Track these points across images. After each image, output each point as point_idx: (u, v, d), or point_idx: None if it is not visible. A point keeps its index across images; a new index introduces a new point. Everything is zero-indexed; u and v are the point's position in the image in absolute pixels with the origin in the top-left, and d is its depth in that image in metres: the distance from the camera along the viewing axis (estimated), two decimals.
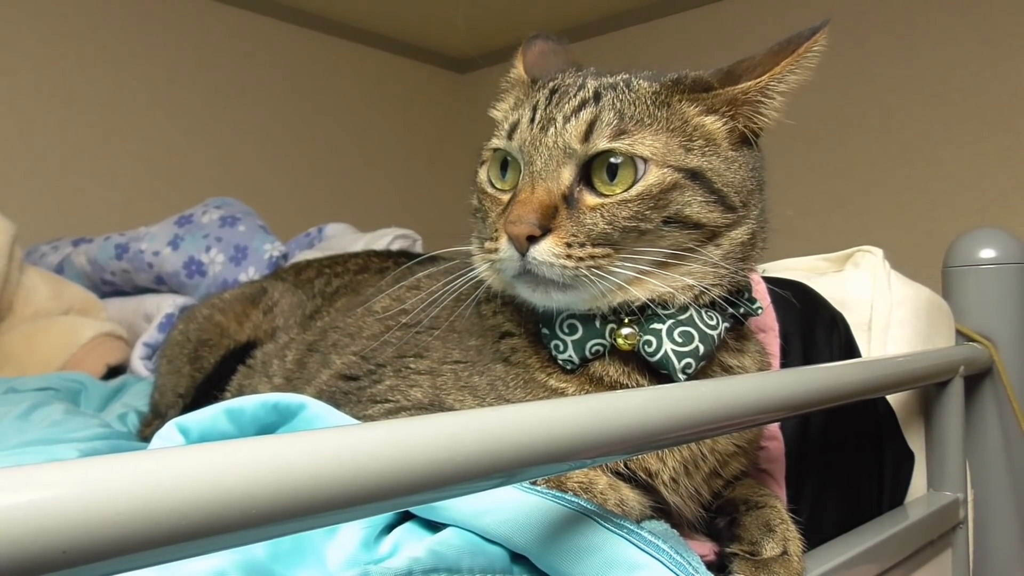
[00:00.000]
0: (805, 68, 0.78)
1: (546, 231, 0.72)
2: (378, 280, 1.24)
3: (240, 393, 1.15)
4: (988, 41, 3.37)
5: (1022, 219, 3.08)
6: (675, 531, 0.73)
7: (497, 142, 0.82)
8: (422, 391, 0.84)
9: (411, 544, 0.63)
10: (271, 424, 0.76)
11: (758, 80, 0.78)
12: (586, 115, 0.75)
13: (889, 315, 1.14)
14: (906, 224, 3.39)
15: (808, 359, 1.05)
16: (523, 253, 0.73)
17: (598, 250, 0.73)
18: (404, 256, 1.40)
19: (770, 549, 0.76)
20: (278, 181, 4.19)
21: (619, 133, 0.74)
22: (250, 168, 4.09)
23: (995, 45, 3.35)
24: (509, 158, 0.80)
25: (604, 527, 0.61)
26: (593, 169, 0.75)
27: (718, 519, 0.83)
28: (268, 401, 0.76)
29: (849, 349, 1.11)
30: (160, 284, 2.30)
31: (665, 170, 0.74)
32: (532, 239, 0.72)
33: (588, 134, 0.74)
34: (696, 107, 0.78)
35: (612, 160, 0.74)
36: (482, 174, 0.84)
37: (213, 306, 1.36)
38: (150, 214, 2.65)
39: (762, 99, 0.79)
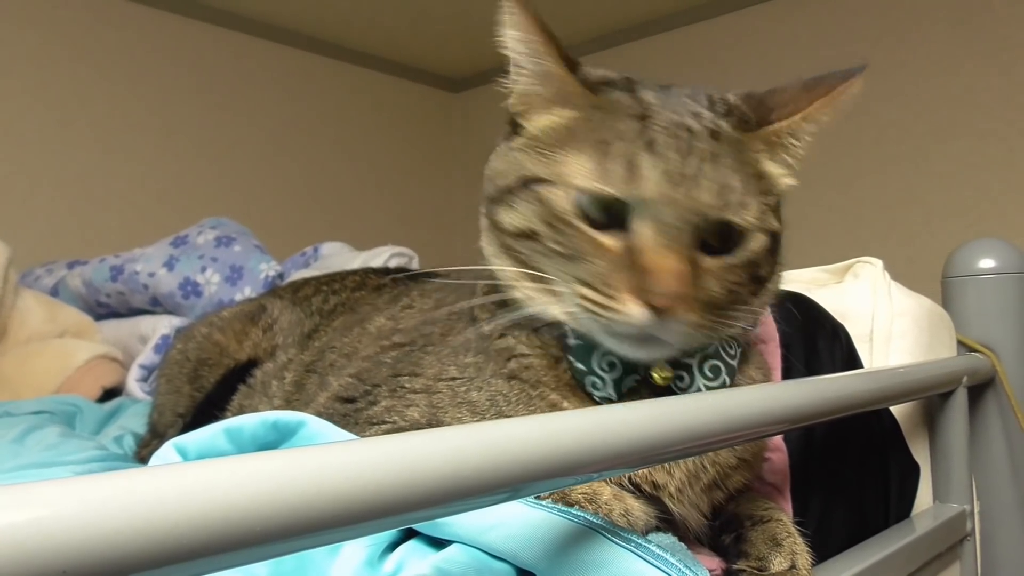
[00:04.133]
0: (838, 111, 0.76)
1: None
2: (374, 297, 1.24)
3: (241, 413, 1.14)
4: (981, 54, 3.39)
5: (1018, 229, 3.08)
6: (683, 544, 0.72)
7: (603, 186, 0.70)
8: (419, 410, 0.82)
9: (416, 562, 0.62)
10: (271, 443, 0.75)
11: (791, 120, 0.76)
12: (715, 175, 0.70)
13: (890, 326, 1.14)
14: (903, 236, 3.40)
15: (810, 370, 1.04)
16: (659, 321, 0.68)
17: (713, 315, 0.71)
18: (401, 273, 1.40)
19: (778, 564, 0.75)
20: (274, 201, 4.19)
21: (742, 203, 0.71)
22: (245, 188, 4.09)
23: (988, 58, 3.37)
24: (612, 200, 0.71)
25: (612, 541, 0.60)
26: (706, 230, 0.71)
27: (723, 535, 0.82)
28: (268, 419, 0.75)
29: (851, 360, 1.10)
30: (155, 305, 2.29)
31: (759, 234, 0.73)
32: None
33: (718, 199, 0.70)
34: (761, 152, 0.77)
35: (729, 226, 0.71)
36: (563, 202, 0.72)
37: (211, 324, 1.35)
38: (145, 235, 2.64)
39: (794, 142, 0.78)
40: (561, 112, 0.76)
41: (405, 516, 0.42)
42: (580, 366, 0.77)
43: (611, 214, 0.70)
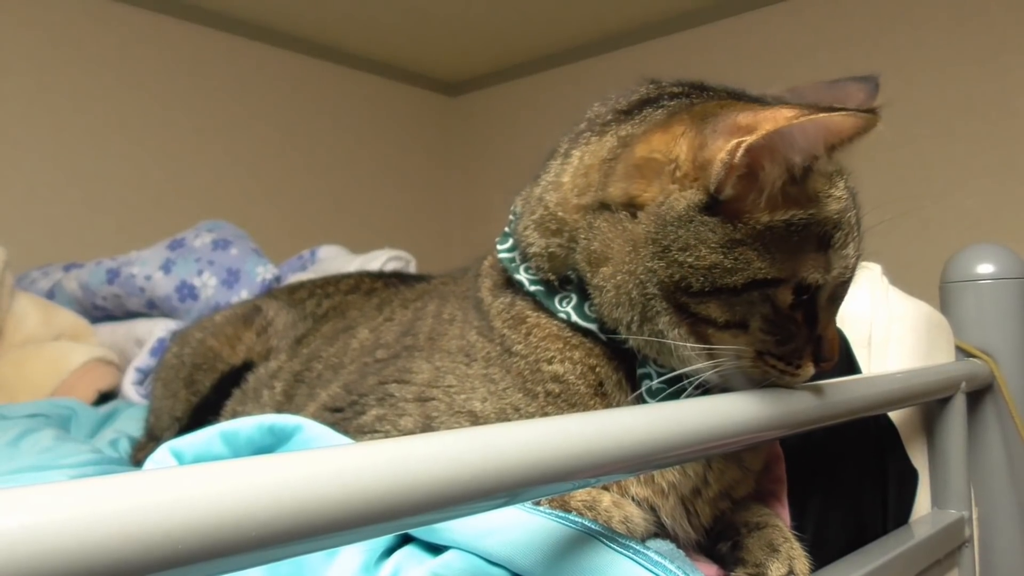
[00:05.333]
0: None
1: None
2: (364, 301, 1.23)
3: (234, 418, 1.13)
4: (978, 58, 3.39)
5: (1016, 234, 3.08)
6: (681, 551, 0.72)
7: (824, 276, 0.71)
8: (412, 420, 0.81)
9: (412, 568, 0.62)
10: (267, 447, 0.75)
11: None
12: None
13: (889, 331, 1.13)
14: (901, 241, 3.40)
15: None
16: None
17: None
18: (396, 277, 1.39)
19: (776, 569, 0.75)
20: (271, 204, 4.19)
21: None
22: (242, 191, 4.09)
23: (985, 62, 3.37)
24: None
25: (609, 547, 0.60)
26: None
27: (720, 545, 0.82)
28: (264, 423, 0.75)
29: (849, 365, 1.10)
30: (152, 309, 2.28)
31: None
32: None
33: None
34: None
35: None
36: (788, 297, 0.70)
37: (205, 329, 1.35)
38: (142, 238, 2.63)
39: None
40: (790, 209, 0.69)
41: (402, 521, 0.42)
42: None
43: (805, 295, 0.71)
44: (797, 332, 0.72)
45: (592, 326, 0.76)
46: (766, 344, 0.71)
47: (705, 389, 0.72)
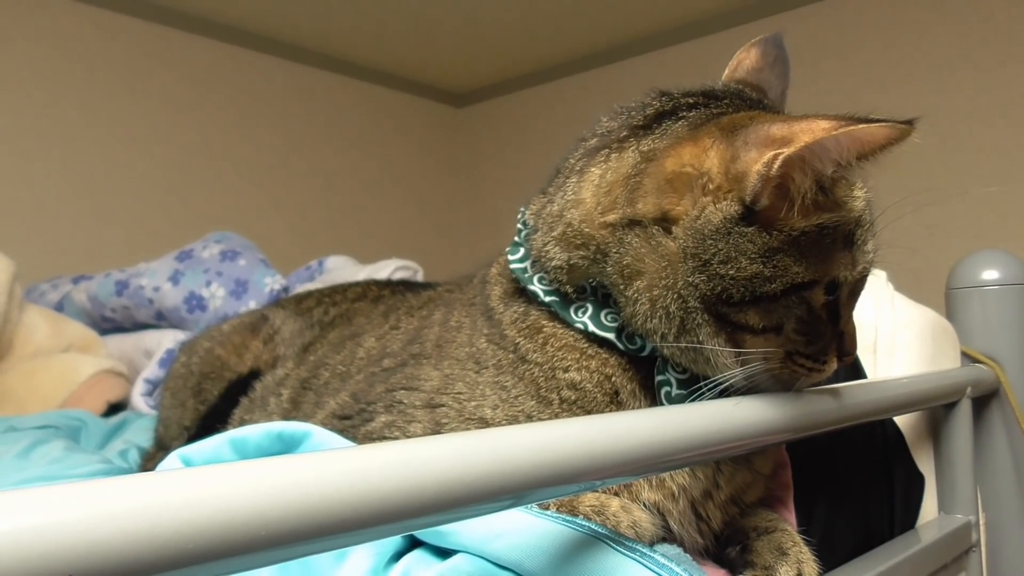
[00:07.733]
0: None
1: None
2: (371, 308, 1.24)
3: (242, 426, 1.14)
4: (983, 66, 3.39)
5: (1021, 240, 3.08)
6: (688, 555, 0.72)
7: (851, 272, 0.73)
8: (421, 426, 0.81)
9: (421, 571, 0.62)
10: (276, 453, 0.75)
11: None
12: None
13: (894, 337, 1.13)
14: (906, 247, 3.40)
15: None
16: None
17: None
18: (402, 285, 1.40)
19: (784, 572, 0.75)
20: (279, 215, 4.20)
21: None
22: (250, 202, 4.10)
23: (990, 70, 3.38)
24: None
25: (617, 551, 0.60)
26: None
27: (729, 549, 0.82)
28: (272, 430, 0.75)
29: (855, 371, 1.10)
30: (160, 320, 2.29)
31: None
32: None
33: None
34: None
35: None
36: (820, 298, 0.72)
37: (212, 338, 1.36)
38: (150, 250, 2.65)
39: None
40: (821, 215, 0.71)
41: (408, 522, 0.43)
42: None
43: (833, 293, 0.73)
44: (824, 330, 0.73)
45: (609, 335, 0.77)
46: (796, 344, 0.72)
47: (724, 394, 0.72)
